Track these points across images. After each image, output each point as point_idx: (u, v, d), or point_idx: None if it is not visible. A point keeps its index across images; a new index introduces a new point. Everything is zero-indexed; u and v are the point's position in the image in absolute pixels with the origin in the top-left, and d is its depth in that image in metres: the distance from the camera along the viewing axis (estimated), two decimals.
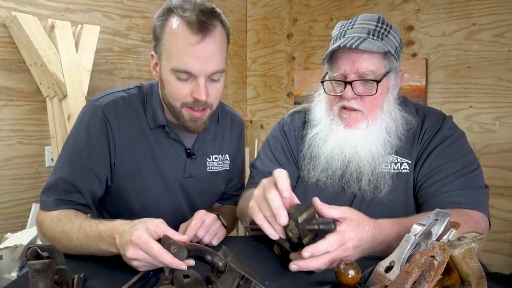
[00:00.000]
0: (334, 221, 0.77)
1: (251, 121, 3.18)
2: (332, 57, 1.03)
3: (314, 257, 0.77)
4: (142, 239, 0.73)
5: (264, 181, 0.85)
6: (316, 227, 0.77)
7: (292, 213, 0.79)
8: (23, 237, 1.71)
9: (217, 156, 1.20)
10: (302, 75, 2.83)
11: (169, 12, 0.97)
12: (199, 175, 1.16)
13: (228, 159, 1.23)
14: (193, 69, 0.95)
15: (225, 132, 1.23)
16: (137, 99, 1.10)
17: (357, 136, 1.03)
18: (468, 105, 2.12)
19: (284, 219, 0.77)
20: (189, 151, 1.13)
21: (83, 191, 1.01)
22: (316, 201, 0.80)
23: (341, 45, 0.97)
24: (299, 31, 2.87)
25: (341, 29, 1.05)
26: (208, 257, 0.74)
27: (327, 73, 1.07)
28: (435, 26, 2.21)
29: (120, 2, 2.37)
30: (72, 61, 1.94)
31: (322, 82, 1.07)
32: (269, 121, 3.07)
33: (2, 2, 1.91)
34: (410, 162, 1.04)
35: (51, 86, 1.94)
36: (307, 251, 0.76)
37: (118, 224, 0.84)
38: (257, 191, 0.86)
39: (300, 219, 0.77)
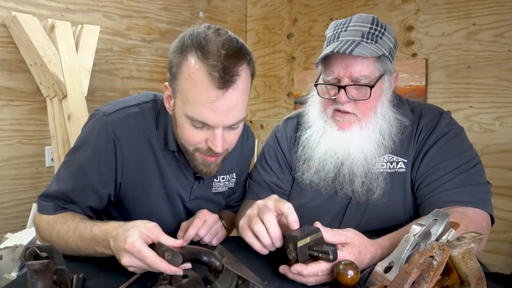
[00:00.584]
0: (334, 252, 0.74)
1: (251, 121, 3.18)
2: (326, 60, 1.03)
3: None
4: (135, 248, 0.72)
5: (259, 202, 0.88)
6: (316, 254, 0.76)
7: (293, 236, 0.77)
8: (23, 237, 1.71)
9: (224, 176, 1.15)
10: (302, 75, 2.83)
11: (188, 50, 0.85)
12: (204, 197, 1.13)
13: (235, 177, 1.19)
14: (210, 122, 0.86)
15: (236, 151, 1.14)
16: (151, 114, 1.01)
17: (350, 139, 1.03)
18: (468, 105, 2.12)
19: (279, 243, 0.82)
20: (197, 174, 1.07)
21: (82, 206, 0.99)
22: (319, 225, 0.80)
23: (334, 51, 0.96)
24: (299, 31, 2.87)
25: (335, 31, 1.04)
26: (205, 258, 0.74)
27: (320, 75, 1.07)
28: (435, 26, 2.21)
29: (120, 2, 2.37)
30: (72, 61, 1.94)
31: (316, 85, 1.07)
32: (269, 121, 3.07)
33: (2, 2, 1.91)
34: (406, 161, 1.04)
35: (51, 86, 1.94)
36: (294, 269, 0.75)
37: (112, 227, 0.83)
38: (250, 211, 0.89)
39: (299, 244, 0.76)
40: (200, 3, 2.83)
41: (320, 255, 0.75)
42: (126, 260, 0.74)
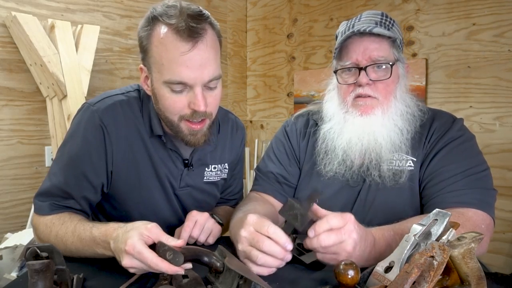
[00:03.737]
0: (314, 191, 0.80)
1: (251, 121, 3.18)
2: (342, 49, 1.04)
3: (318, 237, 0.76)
4: (136, 249, 0.72)
5: (244, 234, 0.81)
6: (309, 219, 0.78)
7: (287, 227, 0.79)
8: (23, 237, 1.71)
9: (216, 166, 1.15)
10: (302, 75, 2.83)
11: (153, 20, 0.90)
12: (195, 186, 1.12)
13: (227, 168, 1.19)
14: (188, 79, 0.89)
15: (226, 141, 1.18)
16: (136, 102, 1.04)
17: (374, 123, 1.03)
18: (468, 105, 2.12)
19: (290, 246, 0.78)
20: (186, 161, 1.08)
21: (77, 198, 0.98)
22: (317, 208, 0.82)
23: (355, 30, 0.98)
24: (299, 31, 2.86)
25: (348, 24, 1.06)
26: (205, 259, 0.74)
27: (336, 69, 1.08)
28: (435, 26, 2.21)
29: (120, 2, 2.37)
30: (72, 61, 1.94)
31: (335, 72, 1.07)
32: (269, 121, 3.07)
33: (2, 2, 1.91)
34: (415, 159, 1.04)
35: (51, 86, 1.94)
36: (311, 230, 0.77)
37: (112, 229, 0.82)
38: (241, 247, 0.82)
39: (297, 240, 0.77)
40: (200, 3, 2.83)
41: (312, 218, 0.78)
42: (126, 262, 0.74)
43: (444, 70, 2.19)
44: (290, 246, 0.78)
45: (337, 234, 0.76)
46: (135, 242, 0.72)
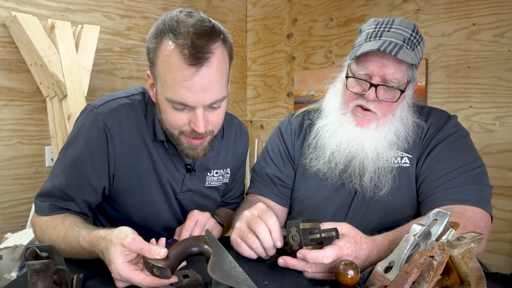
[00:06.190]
0: (337, 230, 0.78)
1: (251, 121, 3.18)
2: (361, 55, 1.02)
3: (306, 262, 0.78)
4: (123, 276, 0.71)
5: (247, 213, 0.90)
6: (318, 235, 0.79)
7: (295, 220, 0.81)
8: (23, 237, 1.71)
9: (218, 171, 1.15)
10: (302, 75, 2.83)
11: (161, 34, 0.87)
12: (197, 190, 1.12)
13: (229, 172, 1.18)
14: (189, 101, 0.88)
15: (229, 146, 1.17)
16: (140, 105, 1.03)
17: (366, 135, 1.04)
18: (468, 105, 2.12)
19: (273, 251, 0.85)
20: (189, 166, 1.08)
21: (78, 201, 0.98)
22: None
23: (381, 49, 0.96)
24: (299, 31, 2.86)
25: (377, 28, 1.03)
26: (195, 249, 0.73)
27: (348, 68, 1.07)
28: (435, 26, 2.21)
29: (120, 2, 2.37)
30: (72, 61, 1.94)
31: (347, 77, 1.06)
32: (269, 121, 3.07)
33: (2, 2, 1.91)
34: (410, 156, 1.05)
35: (51, 86, 1.94)
36: (300, 253, 0.78)
37: (96, 240, 0.81)
38: (239, 224, 0.90)
39: (302, 226, 0.79)
40: (200, 3, 2.83)
41: (323, 235, 0.78)
42: (120, 285, 0.74)
43: (444, 70, 2.19)
44: (279, 243, 0.84)
45: (327, 268, 0.78)
46: (118, 268, 0.72)
